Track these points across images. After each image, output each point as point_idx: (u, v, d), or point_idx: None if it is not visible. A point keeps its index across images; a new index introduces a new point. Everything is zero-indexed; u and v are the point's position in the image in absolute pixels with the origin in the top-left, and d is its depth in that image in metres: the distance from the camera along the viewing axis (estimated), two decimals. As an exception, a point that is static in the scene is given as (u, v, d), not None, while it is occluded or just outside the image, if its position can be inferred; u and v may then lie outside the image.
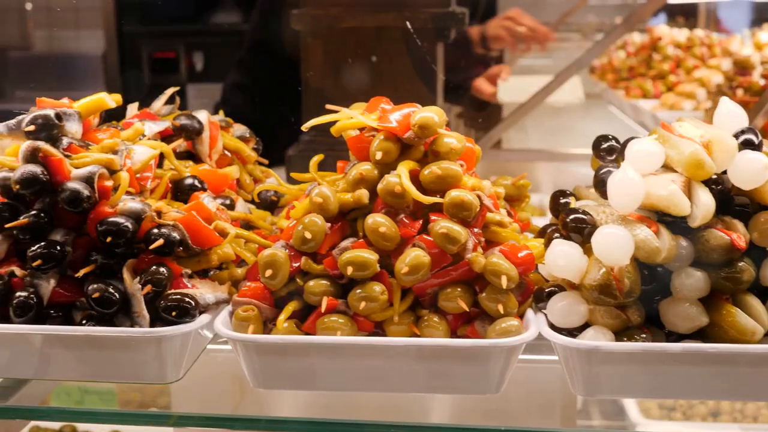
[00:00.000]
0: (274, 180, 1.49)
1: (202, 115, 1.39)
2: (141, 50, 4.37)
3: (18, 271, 1.19)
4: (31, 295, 1.16)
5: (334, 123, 1.28)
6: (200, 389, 1.70)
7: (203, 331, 1.19)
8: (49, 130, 1.19)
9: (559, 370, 1.83)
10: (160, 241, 1.16)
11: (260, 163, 1.50)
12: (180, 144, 1.36)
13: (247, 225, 1.35)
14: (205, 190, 1.29)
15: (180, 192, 1.29)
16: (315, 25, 2.04)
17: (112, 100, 1.26)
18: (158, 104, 1.43)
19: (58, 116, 1.20)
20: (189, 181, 1.29)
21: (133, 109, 1.41)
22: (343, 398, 1.69)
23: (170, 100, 1.46)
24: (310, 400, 1.80)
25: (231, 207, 1.32)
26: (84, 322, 1.17)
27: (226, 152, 1.42)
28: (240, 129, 1.48)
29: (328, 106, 1.31)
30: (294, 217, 1.20)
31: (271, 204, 1.45)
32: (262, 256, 1.16)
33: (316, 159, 1.28)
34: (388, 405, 1.72)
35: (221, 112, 1.50)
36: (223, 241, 1.21)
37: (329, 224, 1.18)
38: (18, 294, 1.16)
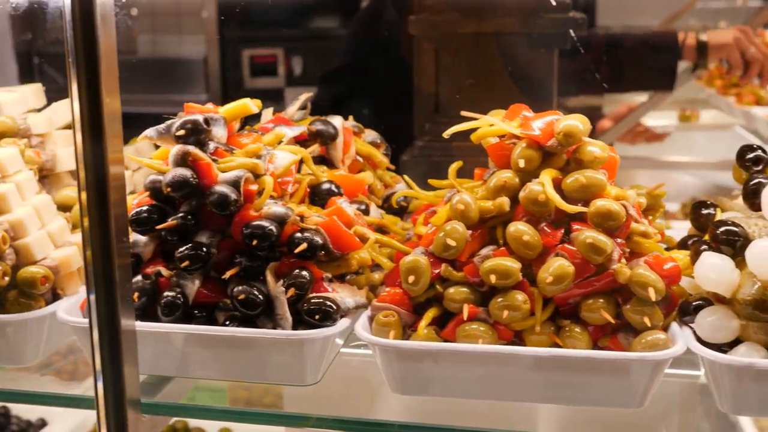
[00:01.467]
0: (403, 185, 1.49)
1: (337, 121, 1.41)
2: (241, 54, 4.45)
3: (164, 271, 1.22)
4: (178, 295, 1.19)
5: (457, 129, 1.27)
6: (309, 391, 1.72)
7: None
8: (197, 134, 1.22)
9: (675, 384, 1.78)
10: (304, 245, 1.17)
11: (388, 169, 1.51)
12: (314, 149, 1.37)
13: (379, 230, 1.36)
14: (341, 195, 1.31)
15: (317, 196, 1.31)
16: (432, 30, 2.04)
17: (255, 105, 1.28)
18: (292, 109, 1.46)
19: (206, 121, 1.23)
20: (326, 186, 1.31)
21: (267, 114, 1.43)
22: (453, 405, 1.67)
23: (302, 106, 1.48)
24: (418, 405, 1.80)
25: (366, 212, 1.33)
26: (227, 322, 1.19)
27: (358, 157, 1.43)
28: (371, 134, 1.49)
29: (465, 113, 1.30)
30: (434, 223, 1.20)
31: (400, 209, 1.46)
32: (404, 262, 1.17)
33: (455, 166, 1.28)
34: (495, 413, 1.71)
35: (351, 118, 1.52)
36: (363, 246, 1.22)
37: (470, 231, 1.18)
38: (166, 294, 1.19)
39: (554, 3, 1.98)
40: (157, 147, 1.33)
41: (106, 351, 1.11)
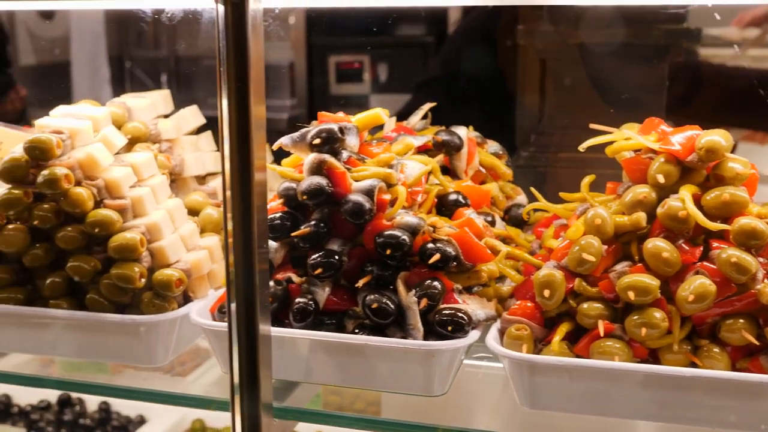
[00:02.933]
0: (524, 197, 1.49)
1: (462, 131, 1.41)
2: (327, 61, 4.49)
3: (295, 278, 1.23)
4: (310, 302, 1.20)
5: (593, 142, 1.26)
6: (407, 399, 1.71)
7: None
8: (332, 143, 1.23)
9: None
10: (438, 256, 1.17)
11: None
12: (439, 159, 1.37)
13: (503, 242, 1.35)
14: (468, 206, 1.30)
15: (444, 207, 1.30)
16: (540, 40, 2.03)
17: (386, 115, 1.29)
18: (415, 119, 1.46)
19: (341, 130, 1.24)
20: (453, 196, 1.31)
21: (391, 123, 1.44)
22: (575, 422, 1.64)
23: (423, 115, 1.48)
24: (529, 419, 1.77)
25: (492, 223, 1.32)
26: (356, 330, 1.20)
27: (481, 168, 1.43)
28: (493, 145, 1.49)
29: (594, 126, 1.29)
30: (569, 237, 1.19)
31: (520, 221, 1.45)
32: (538, 276, 1.16)
33: (588, 180, 1.26)
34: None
35: (471, 128, 1.51)
36: (494, 258, 1.21)
37: (604, 247, 1.16)
38: (298, 300, 1.20)
39: (668, 14, 1.95)
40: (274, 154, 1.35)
41: (243, 355, 1.12)
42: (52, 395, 2.51)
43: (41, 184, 1.24)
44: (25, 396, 2.54)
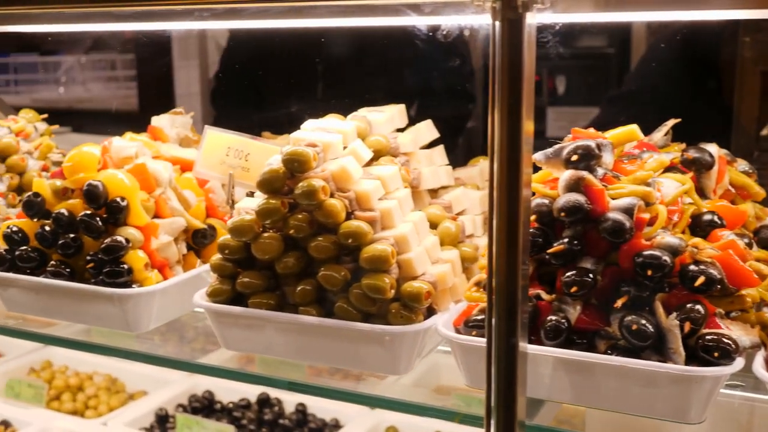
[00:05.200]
0: (774, 218, 1.42)
1: (713, 148, 1.36)
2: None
3: (544, 295, 1.22)
4: (562, 320, 1.19)
5: None
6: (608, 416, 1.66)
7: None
8: (588, 160, 1.22)
9: None
10: (702, 279, 1.13)
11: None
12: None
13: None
14: (724, 226, 1.25)
15: (698, 227, 1.26)
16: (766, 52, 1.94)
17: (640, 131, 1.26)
18: (658, 135, 1.42)
19: (598, 147, 1.22)
20: (708, 216, 1.26)
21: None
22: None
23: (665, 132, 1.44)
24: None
25: (750, 246, 1.26)
26: (609, 351, 1.18)
27: (730, 188, 1.37)
28: (743, 164, 1.43)
29: None
30: None
31: (770, 244, 1.38)
32: (815, 303, 1.10)
33: None
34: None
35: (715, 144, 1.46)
36: (760, 283, 1.16)
37: None
38: (550, 318, 1.19)
39: None
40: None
41: (502, 372, 1.12)
42: (251, 394, 2.61)
43: (299, 195, 1.29)
44: (225, 394, 2.65)
